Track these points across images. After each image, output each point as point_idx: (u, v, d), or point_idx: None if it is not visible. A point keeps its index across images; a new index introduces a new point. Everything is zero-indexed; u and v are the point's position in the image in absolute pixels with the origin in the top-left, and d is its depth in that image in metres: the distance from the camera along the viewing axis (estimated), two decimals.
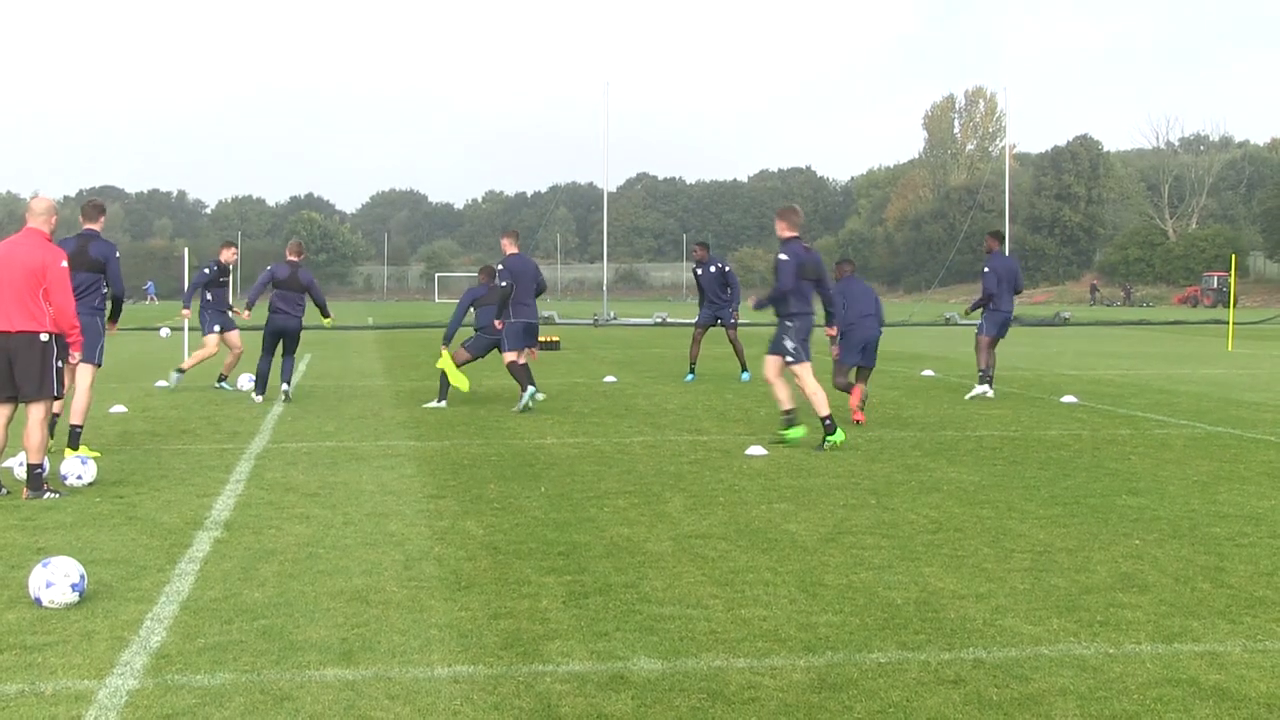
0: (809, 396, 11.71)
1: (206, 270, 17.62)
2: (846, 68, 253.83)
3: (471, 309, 15.73)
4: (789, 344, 11.82)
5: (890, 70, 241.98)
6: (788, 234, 11.87)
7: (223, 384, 17.76)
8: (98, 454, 10.98)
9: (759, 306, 12.24)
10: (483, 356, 15.86)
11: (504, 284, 14.79)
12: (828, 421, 11.56)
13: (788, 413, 11.95)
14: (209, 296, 17.61)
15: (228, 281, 17.88)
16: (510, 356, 14.83)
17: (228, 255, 17.90)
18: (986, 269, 17.12)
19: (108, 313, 11.30)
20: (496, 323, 14.89)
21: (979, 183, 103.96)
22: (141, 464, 10.65)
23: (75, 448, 10.72)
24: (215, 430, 13.01)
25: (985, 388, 16.50)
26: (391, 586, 6.49)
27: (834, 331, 13.42)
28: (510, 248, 15.09)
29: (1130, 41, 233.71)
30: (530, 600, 6.22)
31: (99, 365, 11.09)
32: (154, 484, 9.63)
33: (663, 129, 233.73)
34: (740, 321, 19.93)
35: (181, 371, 17.69)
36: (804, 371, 11.80)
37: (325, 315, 16.70)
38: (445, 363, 15.12)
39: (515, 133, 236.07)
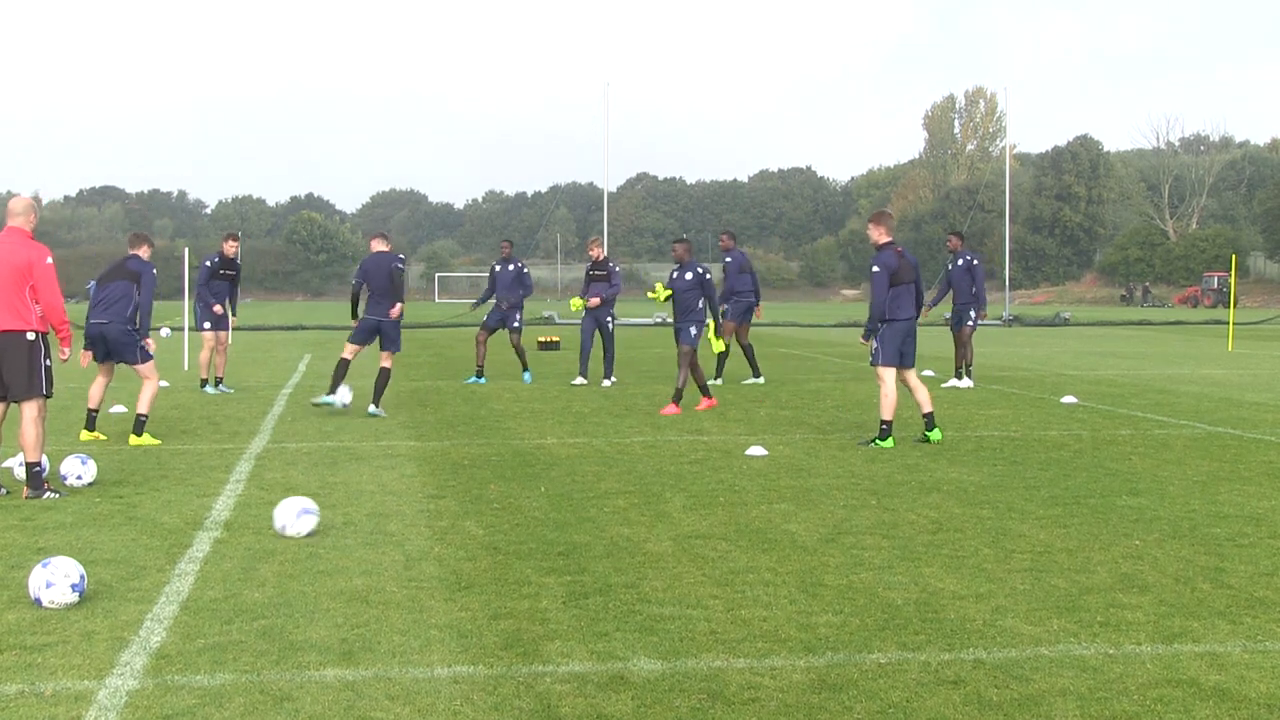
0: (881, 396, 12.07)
1: (208, 264, 17.18)
2: (847, 67, 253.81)
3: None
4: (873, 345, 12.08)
5: (890, 70, 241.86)
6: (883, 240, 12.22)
7: (207, 387, 17.26)
8: (158, 441, 11.90)
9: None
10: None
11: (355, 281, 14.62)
12: (885, 426, 11.85)
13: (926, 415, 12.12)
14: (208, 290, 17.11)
15: (233, 276, 17.17)
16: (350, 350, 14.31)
17: (230, 248, 17.21)
18: (976, 262, 18.31)
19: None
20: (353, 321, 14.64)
21: (979, 183, 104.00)
22: (141, 464, 10.66)
23: (140, 434, 11.78)
24: (215, 430, 13.02)
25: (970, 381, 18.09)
26: (391, 587, 6.49)
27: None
28: (377, 246, 14.67)
29: (1130, 41, 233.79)
30: (530, 600, 6.22)
31: (151, 359, 11.96)
32: (154, 484, 9.63)
33: (663, 129, 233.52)
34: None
35: (220, 380, 17.38)
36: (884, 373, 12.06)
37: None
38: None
39: (515, 133, 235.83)
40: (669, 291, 15.11)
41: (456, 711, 4.70)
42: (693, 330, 14.87)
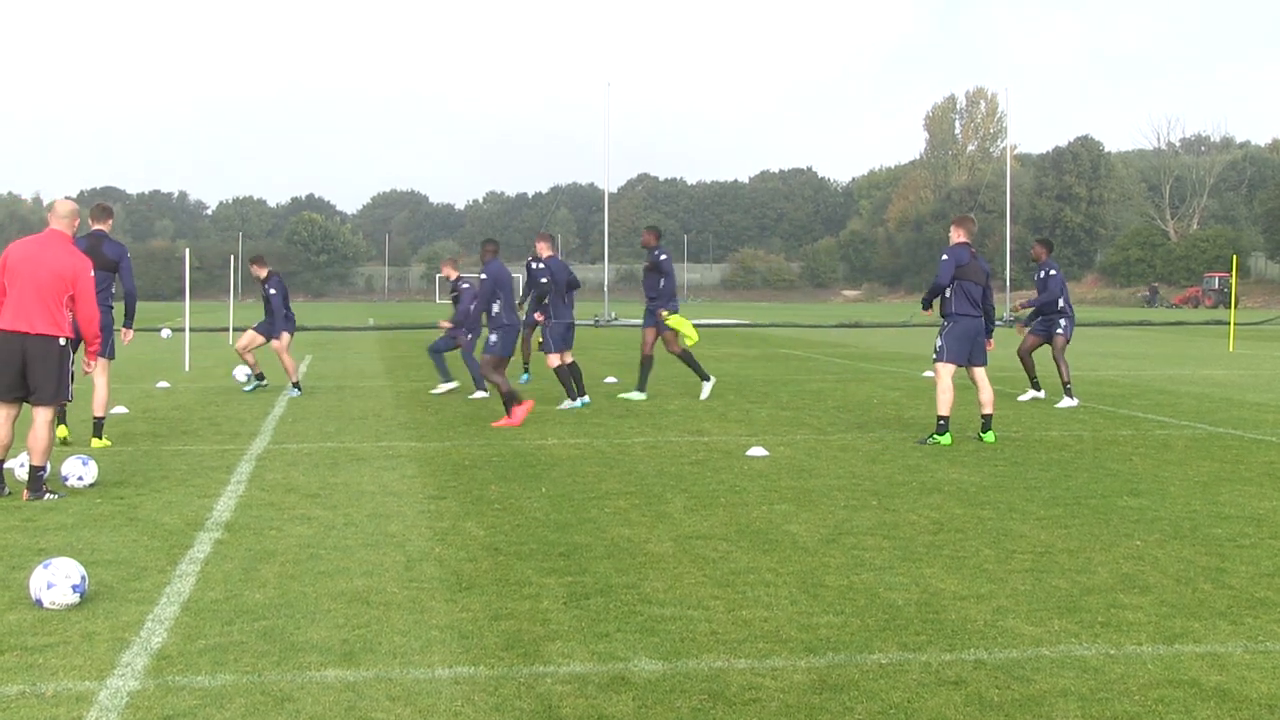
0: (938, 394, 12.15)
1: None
2: (847, 68, 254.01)
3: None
4: (936, 342, 12.31)
5: (891, 71, 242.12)
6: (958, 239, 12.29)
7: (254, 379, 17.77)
8: (109, 443, 11.82)
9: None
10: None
11: (544, 280, 15.27)
12: (941, 422, 11.98)
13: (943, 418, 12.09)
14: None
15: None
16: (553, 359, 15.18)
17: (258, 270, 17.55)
18: (1054, 272, 16.28)
19: (120, 312, 12.24)
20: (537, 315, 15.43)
21: (980, 183, 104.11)
22: (142, 465, 10.66)
23: (100, 437, 11.71)
24: (216, 431, 13.02)
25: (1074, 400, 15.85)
26: (392, 587, 6.49)
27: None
28: (547, 250, 15.54)
29: (1131, 42, 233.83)
30: (531, 601, 6.22)
31: (111, 358, 12.00)
32: (155, 485, 9.63)
33: (664, 129, 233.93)
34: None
35: (297, 385, 17.53)
36: (942, 370, 12.18)
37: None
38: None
39: (516, 133, 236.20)
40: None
41: (457, 712, 4.69)
42: (493, 338, 13.63)
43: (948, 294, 12.12)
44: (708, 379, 16.33)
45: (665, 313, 15.71)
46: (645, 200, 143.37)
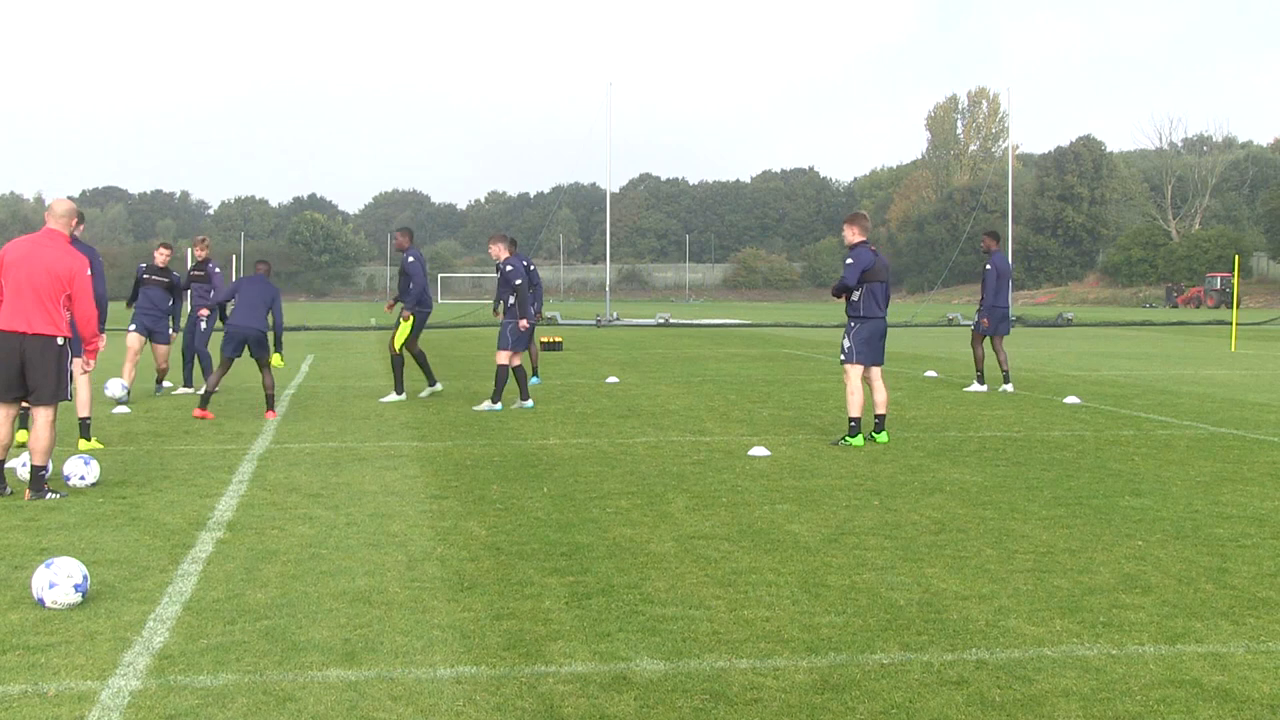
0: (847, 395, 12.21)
1: (143, 265, 16.77)
2: (849, 68, 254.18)
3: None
4: (844, 343, 12.29)
5: (893, 71, 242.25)
6: (856, 239, 12.25)
7: (162, 387, 17.45)
8: (103, 445, 11.72)
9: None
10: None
11: (518, 282, 15.25)
12: (853, 423, 11.95)
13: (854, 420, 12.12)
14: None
15: (163, 283, 16.48)
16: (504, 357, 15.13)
17: (161, 256, 16.71)
18: (988, 267, 17.96)
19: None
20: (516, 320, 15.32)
21: (982, 183, 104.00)
22: (144, 464, 10.66)
23: (89, 439, 11.63)
24: (218, 431, 13.02)
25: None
26: (394, 587, 6.49)
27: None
28: (504, 252, 15.62)
29: (1133, 42, 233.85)
30: (533, 601, 6.22)
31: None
32: (157, 484, 9.64)
33: (666, 129, 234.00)
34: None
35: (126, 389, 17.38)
36: (851, 371, 12.19)
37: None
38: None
39: (518, 133, 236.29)
40: None
41: (459, 712, 4.70)
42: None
43: (855, 296, 12.10)
44: (435, 384, 16.86)
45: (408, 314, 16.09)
46: (647, 200, 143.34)
